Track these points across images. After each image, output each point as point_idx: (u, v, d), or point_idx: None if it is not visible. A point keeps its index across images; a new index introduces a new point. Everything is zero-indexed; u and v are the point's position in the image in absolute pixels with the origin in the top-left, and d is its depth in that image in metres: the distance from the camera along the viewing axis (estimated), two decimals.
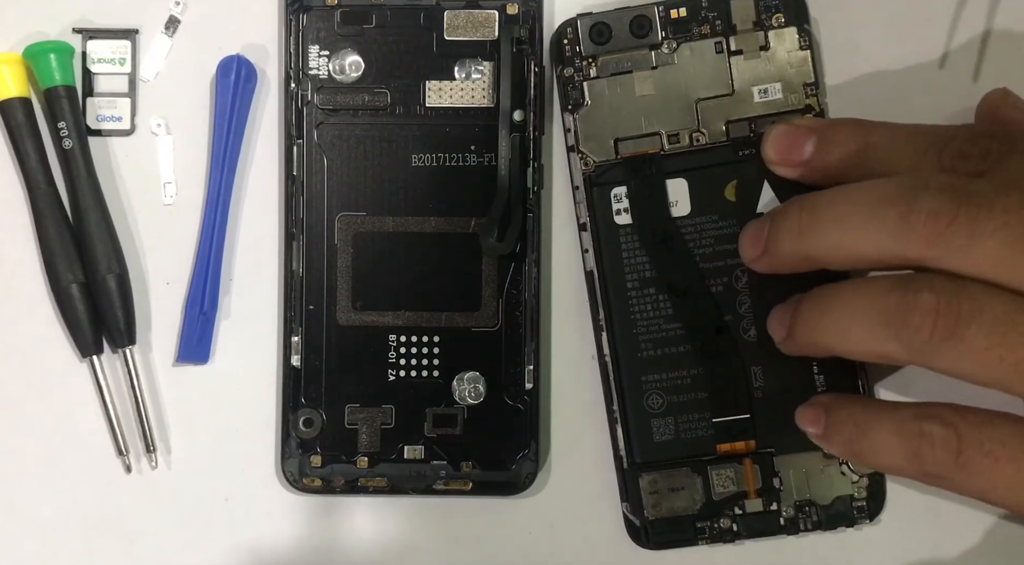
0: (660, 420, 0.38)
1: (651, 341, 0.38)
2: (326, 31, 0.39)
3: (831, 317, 0.33)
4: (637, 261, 0.38)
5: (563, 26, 0.39)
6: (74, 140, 0.39)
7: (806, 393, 0.37)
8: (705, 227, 0.38)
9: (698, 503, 0.38)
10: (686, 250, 0.38)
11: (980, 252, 0.30)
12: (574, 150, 0.38)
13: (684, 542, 0.38)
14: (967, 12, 0.39)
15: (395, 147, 0.39)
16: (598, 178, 0.38)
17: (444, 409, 0.39)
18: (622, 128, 0.38)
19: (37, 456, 0.40)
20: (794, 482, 0.38)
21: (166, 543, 0.39)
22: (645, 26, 0.38)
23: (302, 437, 0.39)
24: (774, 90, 0.38)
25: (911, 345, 0.31)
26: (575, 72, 0.39)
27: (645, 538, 0.38)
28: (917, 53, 0.39)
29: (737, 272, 0.38)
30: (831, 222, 0.32)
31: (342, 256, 0.39)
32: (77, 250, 0.39)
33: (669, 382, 0.38)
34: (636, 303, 0.38)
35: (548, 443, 0.39)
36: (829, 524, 0.38)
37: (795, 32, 0.38)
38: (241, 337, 0.40)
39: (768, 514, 0.38)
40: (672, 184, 0.38)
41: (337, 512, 0.39)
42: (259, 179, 0.40)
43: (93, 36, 0.40)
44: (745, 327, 0.37)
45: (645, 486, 0.38)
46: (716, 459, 0.38)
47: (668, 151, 0.38)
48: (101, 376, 0.39)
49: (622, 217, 0.38)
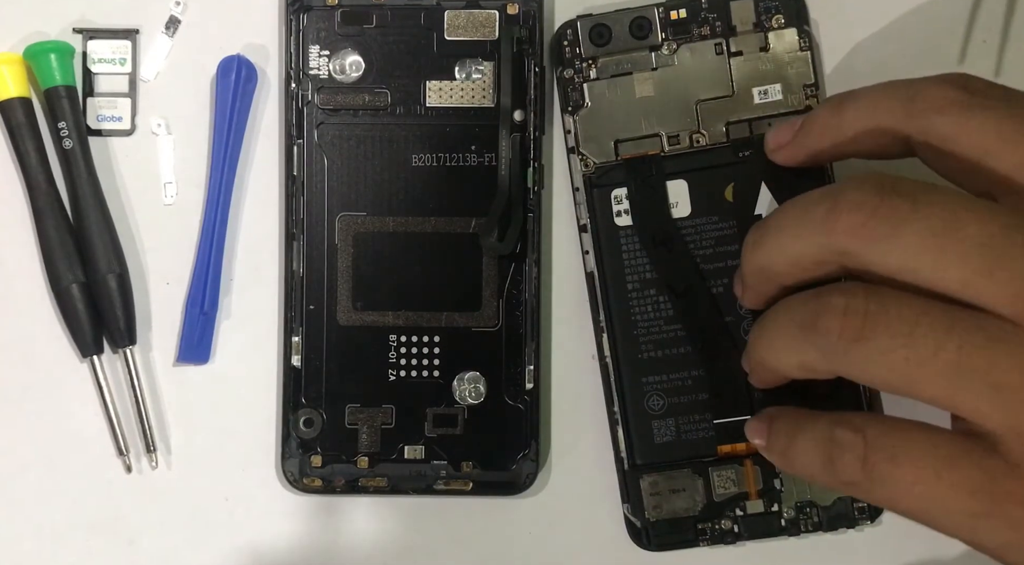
0: (661, 421, 0.38)
1: (652, 342, 0.38)
2: (326, 31, 0.39)
3: (762, 332, 0.33)
4: (637, 262, 0.38)
5: (563, 27, 0.39)
6: (74, 140, 0.39)
7: (806, 394, 0.37)
8: (705, 228, 0.38)
9: (699, 504, 0.38)
10: (686, 251, 0.38)
11: (901, 243, 0.29)
12: (574, 152, 0.38)
13: (685, 543, 0.38)
14: (976, 13, 0.39)
15: (395, 147, 0.39)
16: (598, 179, 0.38)
17: (444, 409, 0.39)
18: (622, 129, 0.38)
19: (37, 456, 0.40)
20: (795, 483, 0.38)
21: (166, 543, 0.39)
22: (645, 27, 0.38)
23: (302, 437, 0.39)
24: (774, 91, 0.38)
25: (825, 350, 0.30)
26: (575, 73, 0.38)
27: (646, 540, 0.38)
28: (917, 53, 0.40)
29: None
30: (774, 229, 0.33)
31: (342, 256, 0.39)
32: (77, 250, 0.39)
33: (670, 383, 0.38)
34: (636, 304, 0.38)
35: (548, 443, 0.39)
36: (830, 525, 0.38)
37: (795, 33, 0.38)
38: (241, 337, 0.40)
39: (769, 515, 0.38)
40: (672, 185, 0.38)
41: (337, 512, 0.39)
42: (259, 179, 0.40)
43: (93, 36, 0.40)
44: (746, 328, 0.37)
45: (646, 488, 0.38)
46: (717, 460, 0.38)
47: (668, 152, 0.38)
48: (101, 376, 0.39)
49: (622, 218, 0.38)
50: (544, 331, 0.39)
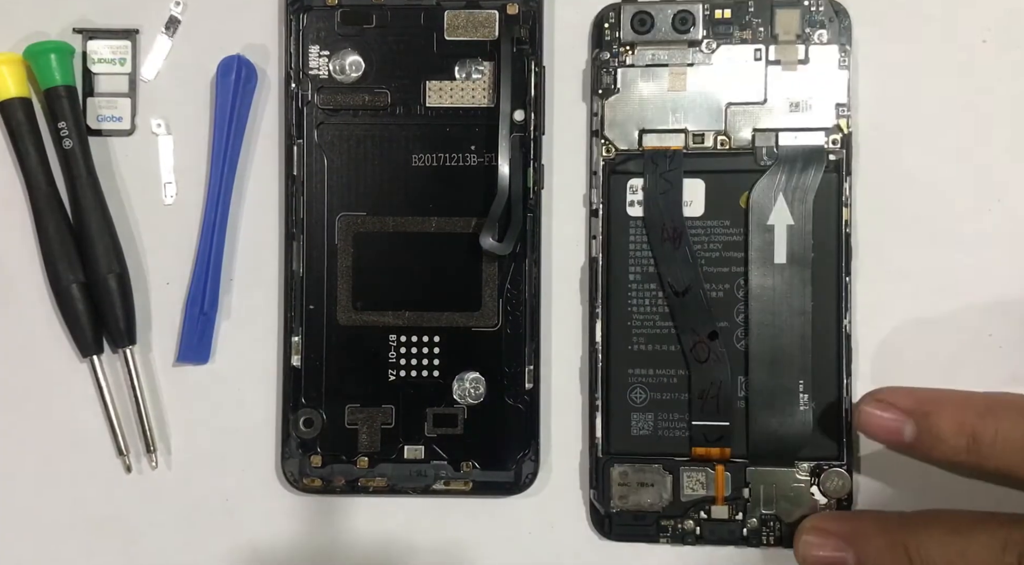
0: (640, 415, 0.38)
1: (644, 336, 0.38)
2: (326, 31, 0.39)
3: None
4: (642, 255, 0.38)
5: (605, 10, 0.39)
6: (74, 140, 0.39)
7: (790, 409, 0.37)
8: (715, 231, 0.38)
9: (665, 501, 0.38)
10: (692, 251, 0.38)
11: None
12: (597, 135, 0.38)
13: (646, 538, 0.38)
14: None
15: (395, 147, 0.39)
16: (617, 166, 0.38)
17: (444, 409, 0.39)
18: (648, 120, 0.38)
19: (38, 456, 0.40)
20: (763, 495, 0.38)
21: (166, 543, 0.39)
22: (688, 21, 0.38)
23: (302, 437, 0.39)
24: (806, 105, 0.38)
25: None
26: (611, 57, 0.39)
27: (608, 528, 0.38)
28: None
29: (740, 281, 0.38)
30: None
31: (342, 256, 0.39)
32: (77, 250, 0.39)
33: (655, 379, 0.38)
34: (635, 296, 0.38)
35: (548, 443, 0.39)
36: (791, 541, 0.37)
37: (836, 50, 0.38)
38: (241, 337, 0.40)
39: (732, 522, 0.38)
40: (689, 183, 0.38)
41: (337, 512, 0.39)
42: (259, 179, 0.40)
43: (93, 36, 0.40)
44: (739, 336, 0.38)
45: (616, 477, 0.38)
46: (689, 461, 0.38)
47: (691, 150, 0.38)
48: (101, 376, 0.39)
49: (635, 208, 0.38)
50: (544, 331, 0.39)
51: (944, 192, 0.39)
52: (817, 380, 0.37)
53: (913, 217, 0.39)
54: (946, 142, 0.39)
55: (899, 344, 0.38)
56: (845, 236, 0.38)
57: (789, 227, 0.37)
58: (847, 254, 0.38)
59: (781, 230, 0.37)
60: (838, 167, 0.38)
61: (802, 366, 0.37)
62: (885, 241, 0.39)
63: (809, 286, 0.37)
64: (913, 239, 0.39)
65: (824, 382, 0.37)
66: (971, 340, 0.38)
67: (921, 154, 0.39)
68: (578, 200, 0.39)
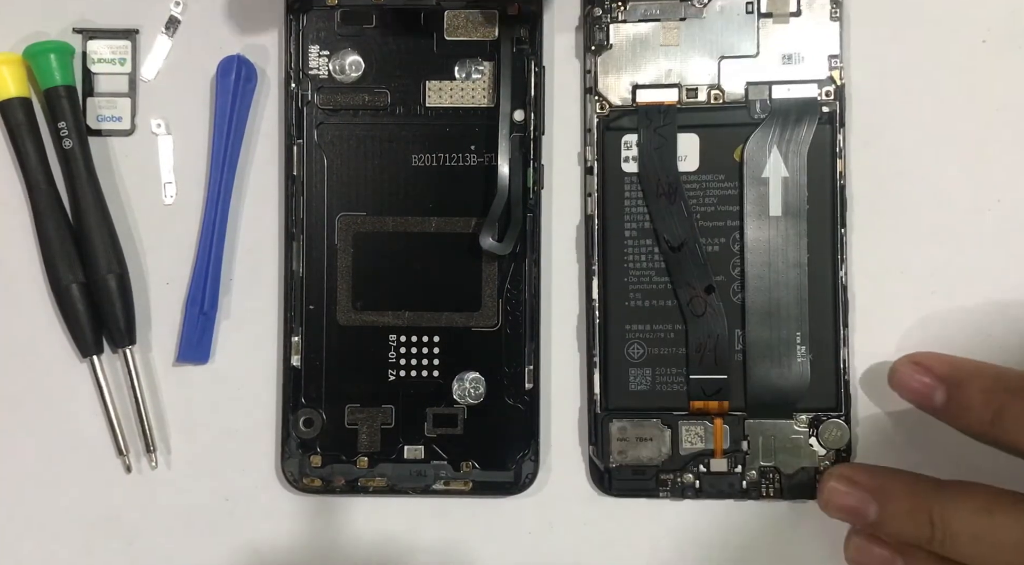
0: (638, 370, 0.38)
1: (640, 291, 0.38)
2: (326, 31, 0.39)
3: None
4: (638, 211, 0.38)
5: None
6: (74, 140, 0.39)
7: (787, 361, 0.37)
8: (710, 185, 0.38)
9: (664, 455, 0.38)
10: (687, 206, 0.38)
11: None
12: (591, 92, 0.39)
13: (645, 493, 0.38)
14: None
15: (395, 147, 0.39)
16: (611, 123, 0.38)
17: (444, 409, 0.39)
18: (641, 75, 0.38)
19: (37, 456, 0.40)
20: (762, 447, 0.38)
21: (166, 543, 0.39)
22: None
23: (302, 437, 0.39)
24: (798, 57, 0.38)
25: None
26: (604, 13, 0.39)
27: (608, 484, 0.38)
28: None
29: (735, 234, 0.38)
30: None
31: (342, 256, 0.39)
32: (77, 250, 0.39)
33: (652, 334, 0.38)
34: (631, 252, 0.38)
35: (548, 443, 0.39)
36: (790, 493, 0.38)
37: (828, 2, 0.38)
38: (241, 337, 0.40)
39: (732, 475, 0.38)
40: (683, 138, 0.38)
41: (337, 512, 0.39)
42: (259, 179, 0.40)
43: (93, 36, 0.40)
44: (735, 290, 0.38)
45: (615, 432, 0.38)
46: (688, 415, 0.38)
47: (684, 105, 0.38)
48: (101, 376, 0.39)
49: (629, 164, 0.38)
50: (544, 331, 0.39)
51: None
52: (814, 332, 0.37)
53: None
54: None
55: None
56: (839, 188, 0.38)
57: (784, 180, 0.38)
58: (842, 206, 0.38)
59: (776, 183, 0.38)
60: (831, 119, 0.38)
61: (799, 318, 0.37)
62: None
63: (804, 238, 0.37)
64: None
65: (821, 334, 0.37)
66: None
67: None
68: (578, 200, 0.39)
